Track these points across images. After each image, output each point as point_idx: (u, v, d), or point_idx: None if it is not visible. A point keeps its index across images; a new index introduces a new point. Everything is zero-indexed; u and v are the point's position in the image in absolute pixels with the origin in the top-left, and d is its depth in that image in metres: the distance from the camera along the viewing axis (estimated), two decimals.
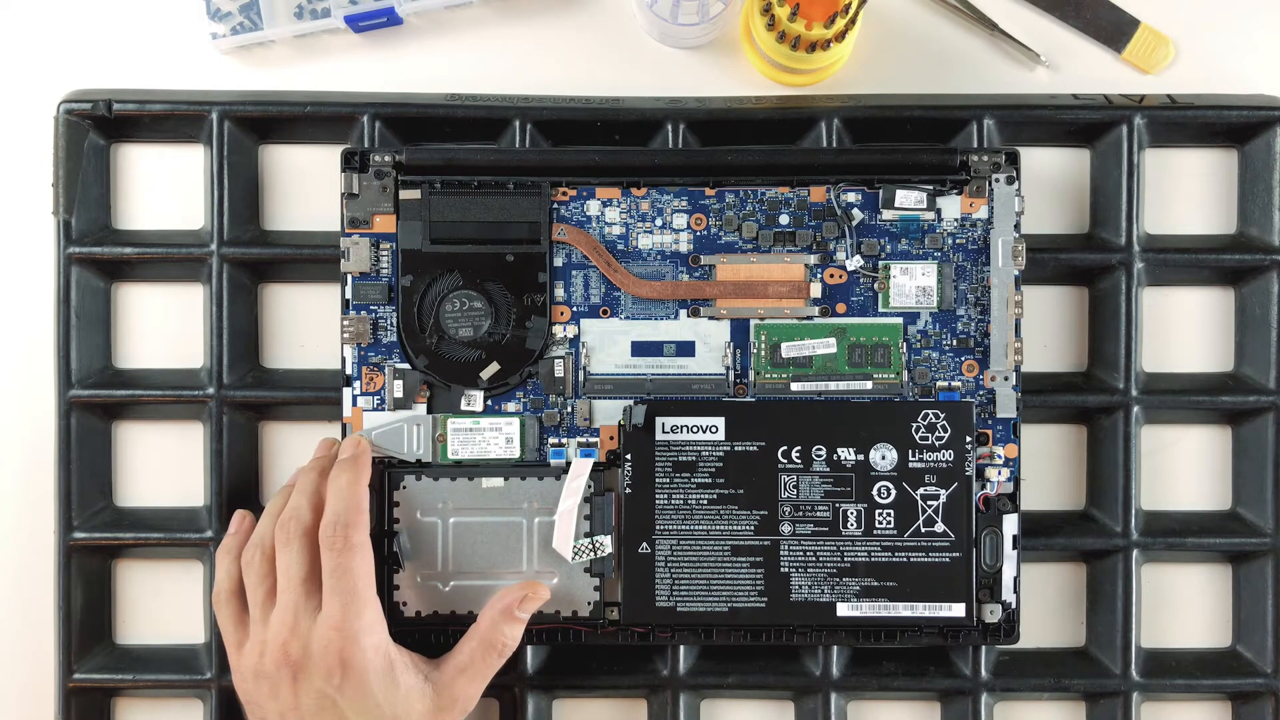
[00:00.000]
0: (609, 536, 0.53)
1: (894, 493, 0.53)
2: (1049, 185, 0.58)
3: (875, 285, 0.54)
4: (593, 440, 0.54)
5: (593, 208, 0.54)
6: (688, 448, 0.53)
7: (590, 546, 0.53)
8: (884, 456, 0.53)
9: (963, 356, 0.54)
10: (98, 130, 0.56)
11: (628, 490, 0.53)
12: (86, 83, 0.57)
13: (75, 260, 0.56)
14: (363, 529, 0.50)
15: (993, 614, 0.53)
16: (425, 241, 0.54)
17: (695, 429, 0.53)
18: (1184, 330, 0.58)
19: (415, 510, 0.53)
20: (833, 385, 0.54)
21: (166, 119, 0.56)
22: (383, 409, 0.54)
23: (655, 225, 0.54)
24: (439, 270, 0.54)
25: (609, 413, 0.54)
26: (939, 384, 0.54)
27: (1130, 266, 0.56)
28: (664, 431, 0.53)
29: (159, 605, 0.58)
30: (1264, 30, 0.58)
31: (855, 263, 0.54)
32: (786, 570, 0.53)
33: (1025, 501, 0.54)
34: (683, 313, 0.54)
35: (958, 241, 0.54)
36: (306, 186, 0.58)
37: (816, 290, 0.54)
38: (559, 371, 0.54)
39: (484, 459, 0.54)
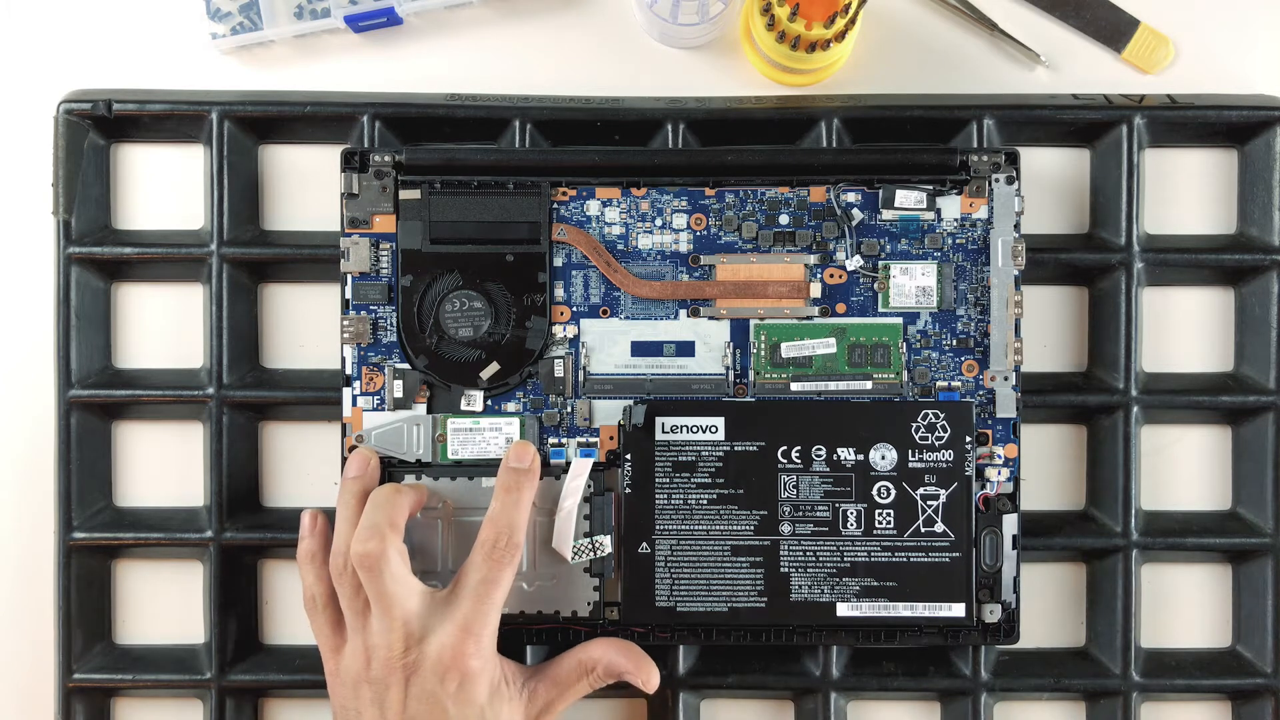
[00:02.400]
0: (609, 536, 0.53)
1: (894, 493, 0.53)
2: (1049, 185, 0.58)
3: (875, 285, 0.54)
4: (593, 440, 0.54)
5: (593, 208, 0.54)
6: (687, 448, 0.53)
7: (590, 546, 0.53)
8: (884, 456, 0.53)
9: (963, 356, 0.54)
10: (98, 130, 0.56)
11: (627, 490, 0.53)
12: (86, 83, 0.57)
13: (75, 260, 0.56)
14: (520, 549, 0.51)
15: (993, 614, 0.53)
16: (425, 241, 0.54)
17: (695, 429, 0.53)
18: (1184, 330, 0.58)
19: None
20: (833, 385, 0.54)
21: (166, 119, 0.56)
22: (383, 409, 0.54)
23: (655, 225, 0.54)
24: (439, 270, 0.54)
25: (609, 413, 0.54)
26: (939, 384, 0.54)
27: (1130, 266, 0.56)
28: (664, 431, 0.53)
29: (159, 605, 0.58)
30: (1264, 30, 0.58)
31: (855, 263, 0.54)
32: (786, 570, 0.53)
33: (1025, 501, 0.54)
34: (683, 313, 0.54)
35: (958, 241, 0.54)
36: (306, 186, 0.58)
37: (816, 290, 0.54)
38: (559, 371, 0.54)
39: (484, 459, 0.54)
